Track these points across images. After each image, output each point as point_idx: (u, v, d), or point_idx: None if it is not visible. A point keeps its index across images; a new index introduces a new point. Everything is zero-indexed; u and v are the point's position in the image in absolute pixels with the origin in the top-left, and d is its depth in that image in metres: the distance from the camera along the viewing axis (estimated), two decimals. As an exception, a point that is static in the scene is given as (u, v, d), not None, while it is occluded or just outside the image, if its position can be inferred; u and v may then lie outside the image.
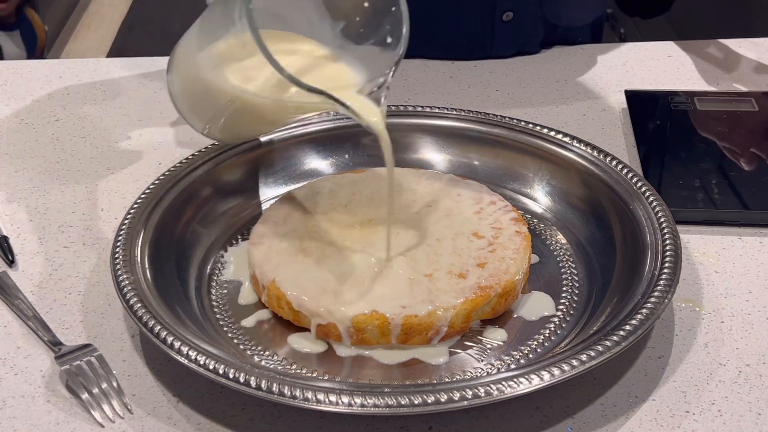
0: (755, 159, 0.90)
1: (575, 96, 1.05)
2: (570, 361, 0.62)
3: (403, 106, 0.91)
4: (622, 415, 0.65)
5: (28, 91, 1.07)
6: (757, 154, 0.91)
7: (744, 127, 0.96)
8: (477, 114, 0.89)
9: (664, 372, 0.68)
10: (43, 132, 0.99)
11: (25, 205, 0.87)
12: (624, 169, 0.81)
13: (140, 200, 0.78)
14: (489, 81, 1.08)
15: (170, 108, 1.02)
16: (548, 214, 0.84)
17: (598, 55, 1.13)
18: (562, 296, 0.75)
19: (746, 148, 0.92)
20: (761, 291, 0.76)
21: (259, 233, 0.77)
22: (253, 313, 0.74)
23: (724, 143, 0.93)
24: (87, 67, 1.12)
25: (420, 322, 0.68)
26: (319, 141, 0.88)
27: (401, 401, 0.60)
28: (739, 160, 0.90)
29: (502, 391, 0.60)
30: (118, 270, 0.70)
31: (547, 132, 0.86)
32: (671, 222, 0.75)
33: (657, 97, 1.01)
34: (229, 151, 0.85)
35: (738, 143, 0.93)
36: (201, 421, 0.64)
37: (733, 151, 0.92)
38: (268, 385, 0.60)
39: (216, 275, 0.78)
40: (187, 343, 0.64)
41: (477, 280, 0.71)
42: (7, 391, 0.67)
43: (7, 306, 0.75)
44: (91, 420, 0.65)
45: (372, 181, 0.83)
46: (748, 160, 0.90)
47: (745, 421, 0.64)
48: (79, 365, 0.67)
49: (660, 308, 0.66)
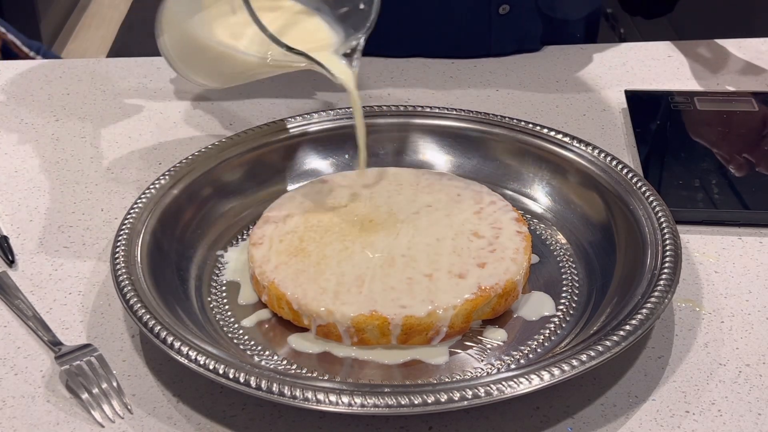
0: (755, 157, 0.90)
1: (575, 96, 1.05)
2: (570, 361, 0.62)
3: (403, 106, 0.91)
4: (622, 415, 0.65)
5: (28, 91, 1.07)
6: (758, 153, 0.91)
7: (744, 127, 0.96)
8: (477, 114, 0.89)
9: (664, 372, 0.68)
10: (43, 132, 0.99)
11: (25, 205, 0.87)
12: (624, 169, 0.81)
13: (140, 200, 0.78)
14: (489, 81, 1.08)
15: (170, 108, 1.02)
16: (548, 214, 0.84)
17: (598, 55, 1.13)
18: (562, 296, 0.75)
19: (746, 147, 0.92)
20: (761, 291, 0.76)
21: (259, 233, 0.77)
22: (253, 313, 0.74)
23: (725, 143, 0.93)
24: (87, 67, 1.12)
25: (420, 323, 0.68)
26: (319, 141, 0.89)
27: (401, 401, 0.60)
28: (739, 158, 0.90)
29: (502, 391, 0.60)
30: (118, 270, 0.70)
31: (547, 132, 0.86)
32: (671, 222, 0.75)
33: (657, 97, 1.01)
34: (229, 150, 0.85)
35: (738, 143, 0.93)
36: (201, 421, 0.64)
37: (734, 151, 0.92)
38: (268, 385, 0.60)
39: (216, 275, 0.78)
40: (187, 343, 0.64)
41: (477, 280, 0.71)
42: (7, 391, 0.67)
43: (7, 306, 0.75)
44: (91, 420, 0.65)
45: (372, 181, 0.83)
46: (748, 160, 0.90)
47: (745, 421, 0.64)
48: (79, 365, 0.67)
49: (660, 308, 0.66)
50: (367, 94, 1.04)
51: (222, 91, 1.05)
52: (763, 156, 0.90)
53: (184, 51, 0.86)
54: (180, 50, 0.86)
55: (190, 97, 1.04)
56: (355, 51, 0.78)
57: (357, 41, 0.78)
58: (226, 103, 1.03)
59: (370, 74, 1.08)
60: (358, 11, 0.80)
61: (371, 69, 1.09)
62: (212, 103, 1.03)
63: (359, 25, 0.79)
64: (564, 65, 1.11)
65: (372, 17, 0.78)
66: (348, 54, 0.78)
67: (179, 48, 0.86)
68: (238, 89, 1.04)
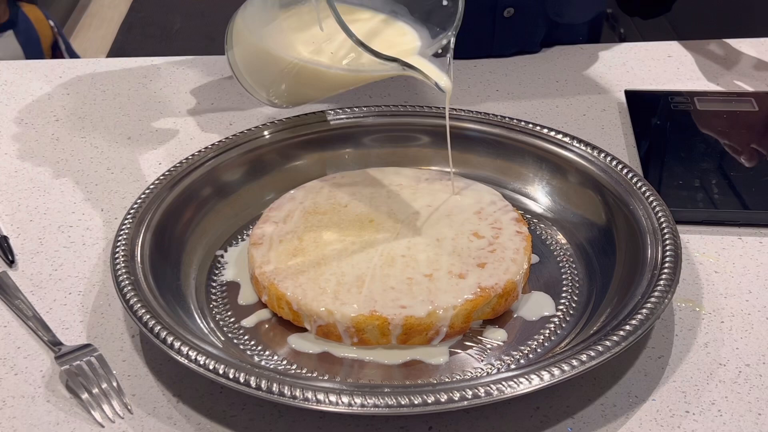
0: (756, 156, 0.90)
1: (575, 96, 1.05)
2: (570, 361, 0.62)
3: (403, 106, 0.91)
4: (622, 415, 0.65)
5: (28, 91, 1.07)
6: (758, 151, 0.91)
7: (744, 127, 0.96)
8: (477, 114, 0.89)
9: (664, 372, 0.68)
10: (43, 132, 0.99)
11: (25, 205, 0.87)
12: (624, 169, 0.81)
13: (140, 200, 0.78)
14: (489, 81, 1.08)
15: (170, 108, 1.02)
16: (548, 214, 0.84)
17: (598, 55, 1.13)
18: (562, 296, 0.75)
19: (746, 147, 0.92)
20: (761, 291, 0.76)
21: (259, 233, 0.77)
22: (253, 313, 0.74)
23: (725, 143, 0.93)
24: (87, 67, 1.12)
25: (420, 323, 0.68)
26: (319, 141, 0.89)
27: (401, 401, 0.60)
28: (739, 158, 0.90)
29: (502, 391, 0.60)
30: (118, 270, 0.70)
31: (547, 132, 0.86)
32: (671, 222, 0.75)
33: (657, 97, 1.01)
34: (229, 151, 0.85)
35: (738, 142, 0.93)
36: (201, 421, 0.64)
37: (734, 150, 0.92)
38: (268, 385, 0.60)
39: (216, 275, 0.78)
40: (187, 343, 0.64)
41: (477, 280, 0.71)
42: (7, 391, 0.67)
43: (7, 306, 0.75)
44: (91, 420, 0.65)
45: (372, 181, 0.83)
46: (749, 158, 0.90)
47: (745, 421, 0.64)
48: (79, 365, 0.67)
49: (660, 308, 0.66)
50: (367, 94, 1.04)
51: (222, 91, 1.05)
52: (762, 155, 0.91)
53: (255, 65, 0.83)
54: (251, 64, 0.83)
55: (190, 98, 1.04)
56: (447, 50, 0.74)
57: (447, 39, 0.75)
58: (226, 103, 1.03)
59: (370, 74, 1.08)
60: (441, 8, 0.76)
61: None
62: (212, 103, 1.03)
63: (446, 23, 0.75)
64: (564, 65, 1.11)
65: (459, 11, 0.74)
66: (439, 54, 0.75)
67: (250, 62, 0.83)
68: (238, 89, 1.04)
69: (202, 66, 1.10)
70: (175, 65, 1.12)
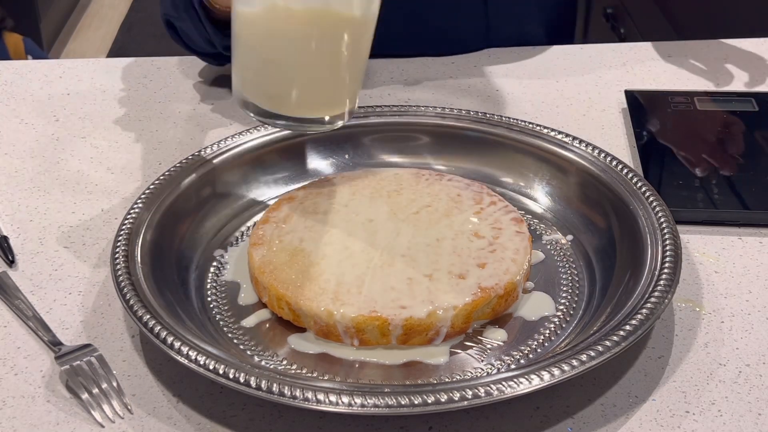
0: (755, 157, 0.90)
1: (575, 96, 1.05)
2: (570, 361, 0.62)
3: (403, 106, 0.91)
4: (622, 415, 0.65)
5: (28, 91, 1.07)
6: (757, 151, 0.91)
7: (744, 127, 0.96)
8: (477, 114, 0.89)
9: (664, 372, 0.68)
10: (43, 132, 0.99)
11: (25, 205, 0.87)
12: (624, 169, 0.81)
13: (140, 200, 0.78)
14: (489, 81, 1.08)
15: (170, 108, 1.02)
16: (548, 214, 0.84)
17: (598, 55, 1.13)
18: (562, 296, 0.75)
19: (745, 147, 0.92)
20: (761, 291, 0.76)
21: (259, 234, 0.77)
22: (253, 313, 0.74)
23: (724, 143, 0.93)
24: (87, 67, 1.12)
25: (420, 323, 0.68)
26: (319, 141, 0.88)
27: (401, 401, 0.60)
28: (739, 158, 0.90)
29: (502, 391, 0.60)
30: (118, 270, 0.70)
31: (547, 132, 0.86)
32: (671, 222, 0.75)
33: (657, 97, 1.01)
34: (229, 151, 0.85)
35: (737, 142, 0.93)
36: (201, 421, 0.64)
37: (734, 150, 0.92)
38: (268, 385, 0.60)
39: (216, 275, 0.77)
40: (187, 343, 0.64)
41: (477, 280, 0.71)
42: (7, 391, 0.67)
43: (7, 306, 0.75)
44: (91, 420, 0.65)
45: (372, 181, 0.83)
46: (748, 158, 0.90)
47: (745, 421, 0.64)
48: (79, 365, 0.67)
49: (660, 308, 0.66)
50: (367, 94, 1.04)
51: (222, 91, 1.05)
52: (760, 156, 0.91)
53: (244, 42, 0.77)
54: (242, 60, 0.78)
55: (190, 98, 1.04)
56: None
57: None
58: (226, 103, 1.03)
59: (370, 74, 1.08)
60: None
61: (371, 69, 1.09)
62: (212, 103, 1.03)
63: None
64: (564, 65, 1.11)
65: None
66: None
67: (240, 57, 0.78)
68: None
69: (202, 66, 1.10)
70: (175, 65, 1.12)
